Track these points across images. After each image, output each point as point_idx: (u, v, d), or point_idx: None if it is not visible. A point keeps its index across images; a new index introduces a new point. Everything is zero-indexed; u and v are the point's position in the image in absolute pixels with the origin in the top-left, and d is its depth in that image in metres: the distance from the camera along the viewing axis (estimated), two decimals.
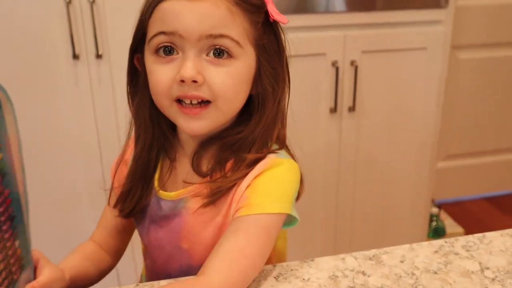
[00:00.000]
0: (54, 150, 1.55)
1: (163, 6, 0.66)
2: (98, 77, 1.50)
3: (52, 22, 1.43)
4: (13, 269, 0.60)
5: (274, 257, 0.79)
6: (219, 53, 0.67)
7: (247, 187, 0.70)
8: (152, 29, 0.68)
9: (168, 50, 0.67)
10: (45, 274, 0.65)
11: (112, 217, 0.82)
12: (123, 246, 0.87)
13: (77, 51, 1.45)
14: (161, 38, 0.67)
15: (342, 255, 0.76)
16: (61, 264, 0.74)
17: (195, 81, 0.65)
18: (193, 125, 0.69)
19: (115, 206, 0.79)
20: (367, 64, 1.69)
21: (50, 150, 1.54)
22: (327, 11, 1.63)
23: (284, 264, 0.74)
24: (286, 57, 0.76)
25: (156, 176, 0.78)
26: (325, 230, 1.87)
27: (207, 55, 0.67)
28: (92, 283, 0.79)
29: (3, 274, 0.57)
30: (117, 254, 0.86)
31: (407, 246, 0.77)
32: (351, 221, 1.88)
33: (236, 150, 0.72)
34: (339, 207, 1.85)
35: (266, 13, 0.71)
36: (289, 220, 0.72)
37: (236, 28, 0.67)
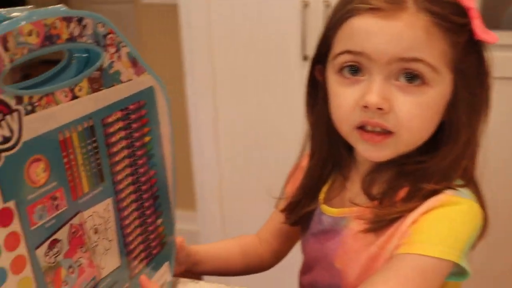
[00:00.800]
0: (269, 143, 1.62)
1: (352, 22, 0.61)
2: None
3: (287, 24, 1.50)
4: (153, 244, 0.64)
5: None
6: (411, 78, 0.59)
7: (413, 222, 0.61)
8: (338, 46, 0.63)
9: (354, 71, 0.62)
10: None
11: (278, 221, 0.81)
12: (284, 250, 0.85)
13: (307, 53, 1.49)
14: (347, 57, 0.62)
15: None
16: (205, 244, 0.78)
17: (380, 109, 0.59)
18: (373, 154, 0.64)
19: (282, 211, 0.79)
20: None
21: (267, 142, 1.62)
22: None
23: None
24: (488, 81, 0.64)
25: (324, 189, 0.75)
26: None
27: (396, 79, 0.60)
28: (236, 272, 0.81)
29: (141, 247, 0.62)
30: (275, 256, 0.85)
31: None
32: None
33: (413, 180, 0.64)
34: None
35: (470, 31, 0.61)
36: (460, 272, 0.61)
37: (432, 51, 0.59)
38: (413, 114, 0.60)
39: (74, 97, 0.50)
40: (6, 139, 0.43)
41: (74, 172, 0.50)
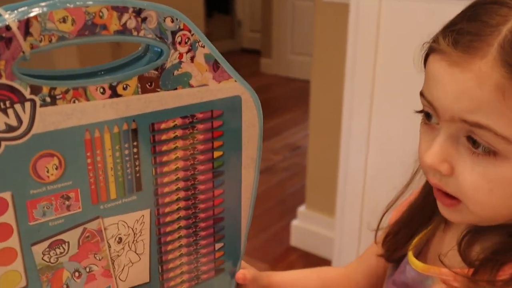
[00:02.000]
0: None
1: (429, 61, 0.49)
2: None
3: None
4: (203, 268, 0.57)
5: None
6: (478, 145, 0.46)
7: None
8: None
9: (428, 116, 0.51)
10: (252, 269, 0.63)
11: (372, 254, 0.69)
12: None
13: None
14: (423, 100, 0.51)
15: None
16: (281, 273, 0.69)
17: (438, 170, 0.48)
18: (448, 215, 0.52)
19: (381, 243, 0.66)
20: None
21: None
22: None
23: None
24: None
25: (420, 235, 0.61)
26: None
27: (465, 140, 0.47)
28: None
29: (184, 268, 0.55)
30: None
31: None
32: None
33: None
34: None
35: None
36: None
37: (504, 117, 0.43)
38: (479, 186, 0.47)
39: (116, 94, 0.45)
40: (11, 128, 0.40)
41: (99, 175, 0.46)
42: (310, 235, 1.95)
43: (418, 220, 0.62)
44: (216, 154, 0.53)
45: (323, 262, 1.89)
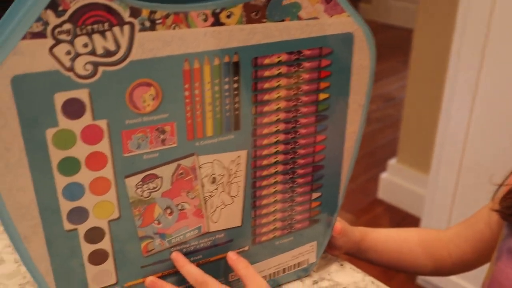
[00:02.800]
0: None
1: None
2: None
3: None
4: (297, 217, 0.54)
5: None
6: None
7: None
8: None
9: None
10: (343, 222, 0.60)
11: (481, 219, 0.62)
12: (475, 263, 0.64)
13: None
14: None
15: None
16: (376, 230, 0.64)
17: None
18: None
19: (500, 199, 0.58)
20: None
21: None
22: None
23: None
24: None
25: None
26: None
27: None
28: (412, 270, 0.66)
29: (278, 215, 0.52)
30: (463, 265, 0.65)
31: None
32: None
33: None
34: None
35: None
36: None
37: None
38: None
39: (218, 23, 0.41)
40: (109, 53, 0.37)
41: (196, 110, 0.43)
42: (399, 189, 1.87)
43: None
44: (322, 96, 0.48)
45: (410, 217, 1.82)
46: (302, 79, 0.47)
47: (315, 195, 0.53)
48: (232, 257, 0.50)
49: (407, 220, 1.84)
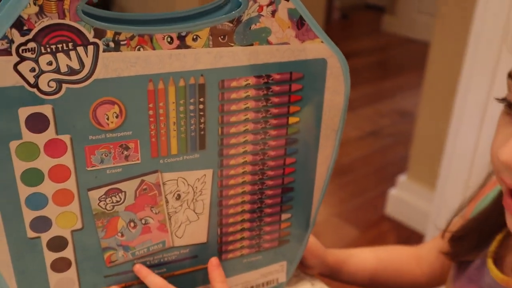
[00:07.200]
0: None
1: None
2: None
3: None
4: (266, 236, 0.54)
5: None
6: None
7: None
8: None
9: (510, 106, 0.47)
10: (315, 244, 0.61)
11: (439, 244, 0.63)
12: (444, 278, 0.65)
13: None
14: (510, 83, 0.46)
15: None
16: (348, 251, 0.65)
17: None
18: None
19: (448, 243, 0.60)
20: None
21: None
22: None
23: None
24: None
25: (499, 237, 0.54)
26: None
27: None
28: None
29: (245, 234, 0.53)
30: (433, 279, 0.68)
31: None
32: None
33: None
34: None
35: None
36: None
37: None
38: None
39: (184, 46, 0.42)
40: (73, 71, 0.39)
41: (160, 129, 0.44)
42: (407, 206, 1.86)
43: (492, 225, 0.55)
44: (292, 120, 0.49)
45: (415, 235, 1.80)
46: (271, 102, 0.47)
47: (285, 216, 0.54)
48: (213, 262, 0.51)
49: (413, 237, 1.83)
